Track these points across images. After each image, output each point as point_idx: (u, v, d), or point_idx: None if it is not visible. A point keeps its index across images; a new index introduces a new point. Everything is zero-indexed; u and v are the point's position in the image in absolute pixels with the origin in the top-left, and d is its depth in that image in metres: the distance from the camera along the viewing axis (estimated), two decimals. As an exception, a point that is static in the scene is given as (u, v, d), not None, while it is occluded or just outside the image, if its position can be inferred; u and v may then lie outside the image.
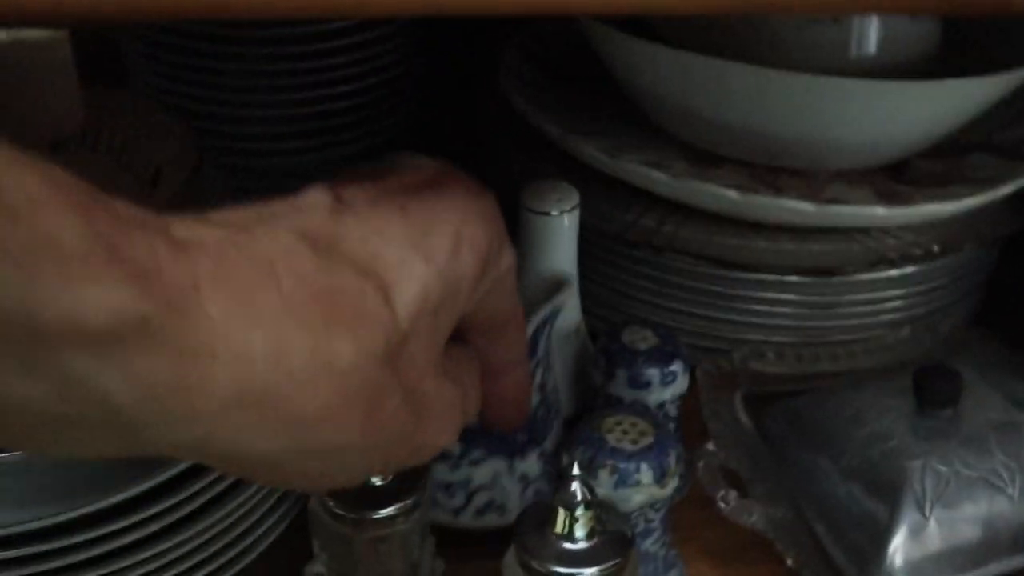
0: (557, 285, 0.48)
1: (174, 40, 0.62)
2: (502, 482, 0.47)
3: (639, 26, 0.55)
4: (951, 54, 0.59)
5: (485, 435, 0.46)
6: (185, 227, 0.24)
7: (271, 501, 0.45)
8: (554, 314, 0.46)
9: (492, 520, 0.48)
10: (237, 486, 0.43)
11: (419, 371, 0.29)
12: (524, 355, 0.38)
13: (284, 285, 0.25)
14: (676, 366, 0.49)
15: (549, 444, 0.49)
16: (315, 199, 0.29)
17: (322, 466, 0.28)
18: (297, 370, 0.25)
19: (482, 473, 0.47)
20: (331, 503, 0.39)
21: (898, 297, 0.57)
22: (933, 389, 0.49)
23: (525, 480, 0.48)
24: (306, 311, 0.25)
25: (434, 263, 0.29)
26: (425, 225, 0.29)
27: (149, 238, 0.23)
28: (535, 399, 0.46)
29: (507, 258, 0.33)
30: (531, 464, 0.48)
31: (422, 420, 0.30)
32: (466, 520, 0.48)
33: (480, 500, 0.47)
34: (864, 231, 0.56)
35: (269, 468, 0.26)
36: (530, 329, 0.44)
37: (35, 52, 0.39)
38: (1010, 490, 0.48)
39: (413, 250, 0.29)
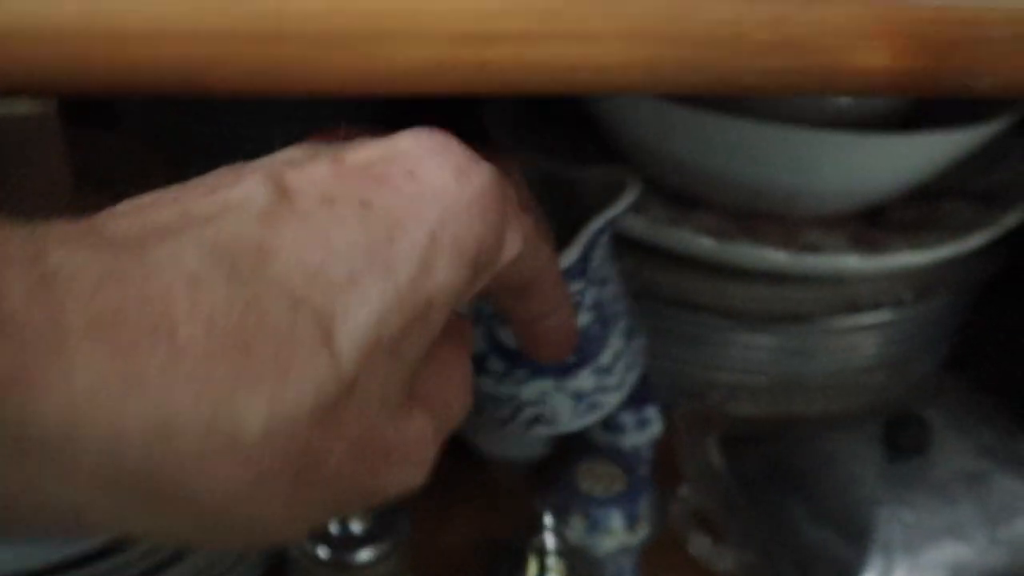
0: (617, 186, 0.42)
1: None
2: (551, 400, 0.43)
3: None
4: (928, 102, 0.60)
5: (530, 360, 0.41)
6: (66, 249, 0.19)
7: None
8: (610, 224, 0.41)
9: (542, 430, 0.44)
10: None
11: (371, 418, 0.23)
12: (562, 300, 0.32)
13: (181, 333, 0.19)
14: (650, 411, 0.50)
15: (607, 357, 0.44)
16: (249, 192, 0.22)
17: (245, 540, 0.23)
18: (187, 449, 0.19)
19: (529, 391, 0.43)
20: (309, 548, 0.40)
21: (872, 343, 0.58)
22: (902, 438, 0.50)
23: (578, 396, 0.44)
24: (207, 367, 0.19)
25: (395, 279, 0.22)
26: (390, 226, 0.23)
27: (8, 271, 0.18)
28: (586, 318, 0.42)
29: (512, 246, 0.26)
30: (584, 380, 0.43)
31: (378, 468, 0.24)
32: (515, 429, 0.44)
33: (528, 414, 0.44)
34: (838, 279, 0.57)
35: (181, 543, 0.23)
36: (578, 249, 0.39)
37: (20, 125, 0.39)
38: (976, 539, 0.49)
39: (369, 263, 0.22)
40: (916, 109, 0.60)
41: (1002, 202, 0.60)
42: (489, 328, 0.42)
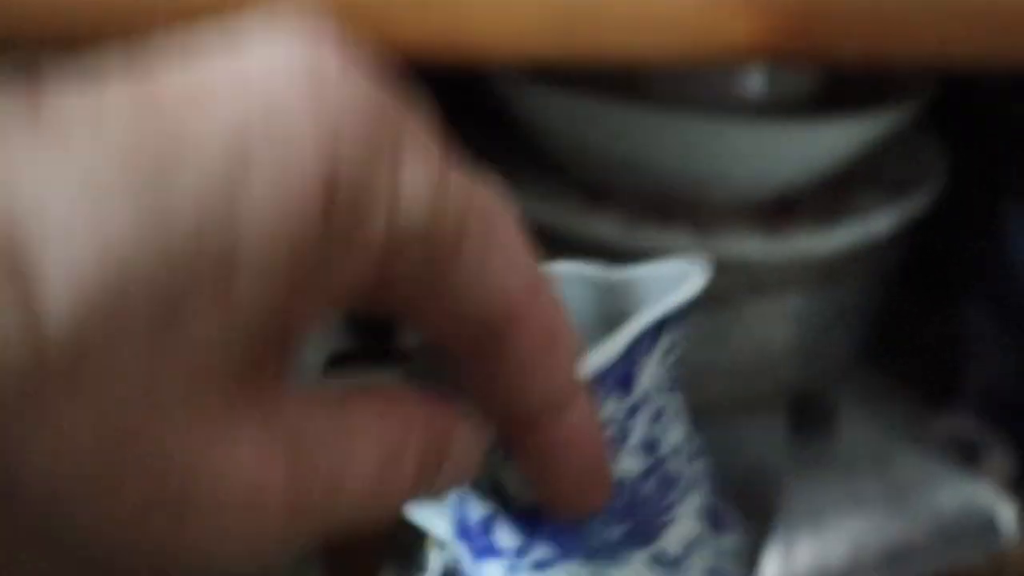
0: (682, 277, 0.28)
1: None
2: None
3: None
4: (840, 87, 0.62)
5: (553, 523, 0.27)
6: None
7: None
8: (670, 326, 0.26)
9: None
10: None
11: (133, 422, 0.15)
12: (575, 389, 0.22)
13: None
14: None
15: (672, 542, 0.28)
16: None
17: None
18: None
19: None
20: None
21: (782, 328, 0.59)
22: (807, 417, 0.51)
23: None
24: None
25: (154, 207, 0.14)
26: (163, 127, 0.15)
27: None
28: (633, 464, 0.27)
29: (413, 189, 0.17)
30: (636, 571, 0.28)
31: (160, 510, 0.15)
32: None
33: None
34: (748, 263, 0.58)
35: None
36: (618, 346, 0.25)
37: None
38: (878, 514, 0.49)
39: (111, 184, 0.14)
40: (831, 97, 0.61)
41: (912, 190, 0.62)
42: (491, 471, 0.26)
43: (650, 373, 0.26)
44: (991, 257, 0.61)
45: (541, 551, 0.27)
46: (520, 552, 0.27)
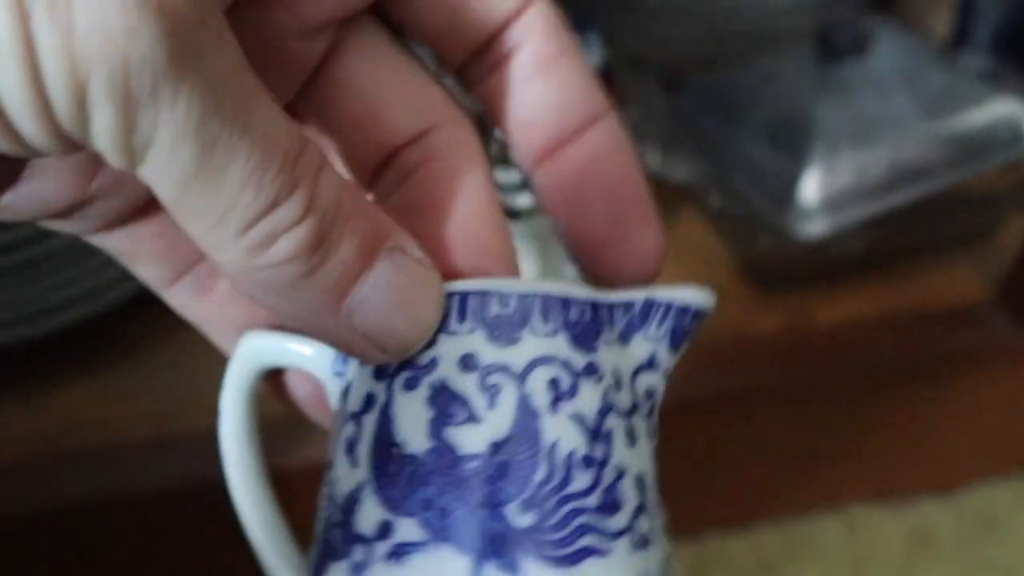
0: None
1: None
2: None
3: None
4: None
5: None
6: None
7: None
8: (663, 318, 0.21)
9: None
10: None
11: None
12: (600, 105, 0.20)
13: None
14: (591, 39, 0.49)
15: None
16: None
17: None
18: None
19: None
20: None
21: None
22: (838, 40, 0.50)
23: None
24: None
25: None
26: None
27: None
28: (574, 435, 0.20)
29: None
30: None
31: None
32: None
33: None
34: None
35: None
36: (605, 297, 0.20)
37: None
38: (914, 133, 0.50)
39: None
40: None
41: None
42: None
43: (613, 359, 0.20)
44: None
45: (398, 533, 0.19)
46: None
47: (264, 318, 0.22)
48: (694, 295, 0.21)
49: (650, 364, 0.21)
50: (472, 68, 0.20)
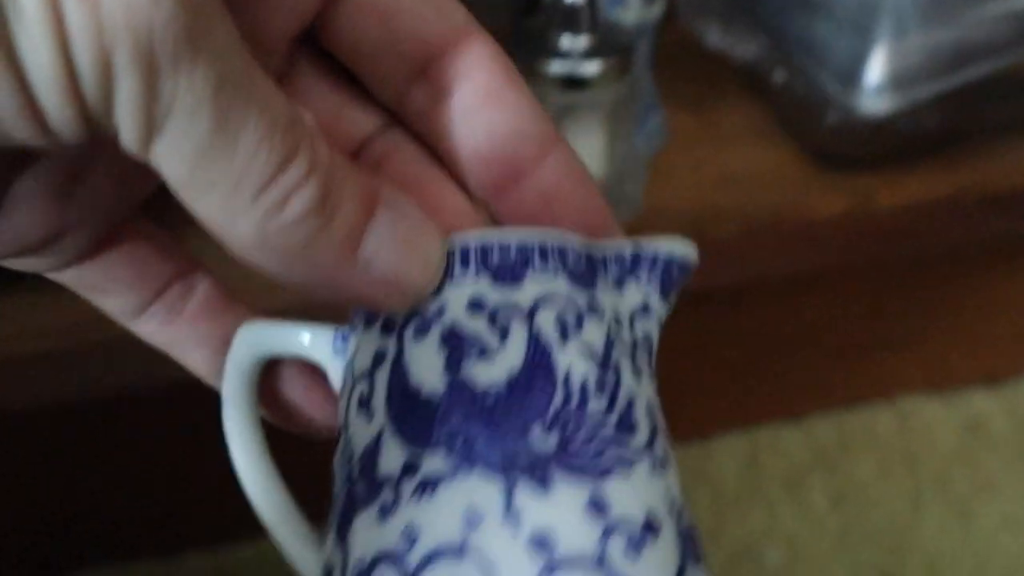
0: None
1: None
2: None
3: None
4: None
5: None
6: None
7: None
8: (650, 268, 0.22)
9: None
10: None
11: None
12: (549, 135, 0.21)
13: None
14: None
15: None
16: None
17: None
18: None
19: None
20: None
21: None
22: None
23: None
24: None
25: None
26: None
27: None
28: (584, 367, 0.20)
29: None
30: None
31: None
32: None
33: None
34: None
35: None
36: (593, 247, 0.21)
37: None
38: (982, 5, 0.48)
39: None
40: None
41: None
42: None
43: (611, 301, 0.21)
44: None
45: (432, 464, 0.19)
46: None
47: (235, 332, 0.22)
48: (678, 246, 0.22)
49: (644, 310, 0.22)
50: (415, 96, 0.21)
